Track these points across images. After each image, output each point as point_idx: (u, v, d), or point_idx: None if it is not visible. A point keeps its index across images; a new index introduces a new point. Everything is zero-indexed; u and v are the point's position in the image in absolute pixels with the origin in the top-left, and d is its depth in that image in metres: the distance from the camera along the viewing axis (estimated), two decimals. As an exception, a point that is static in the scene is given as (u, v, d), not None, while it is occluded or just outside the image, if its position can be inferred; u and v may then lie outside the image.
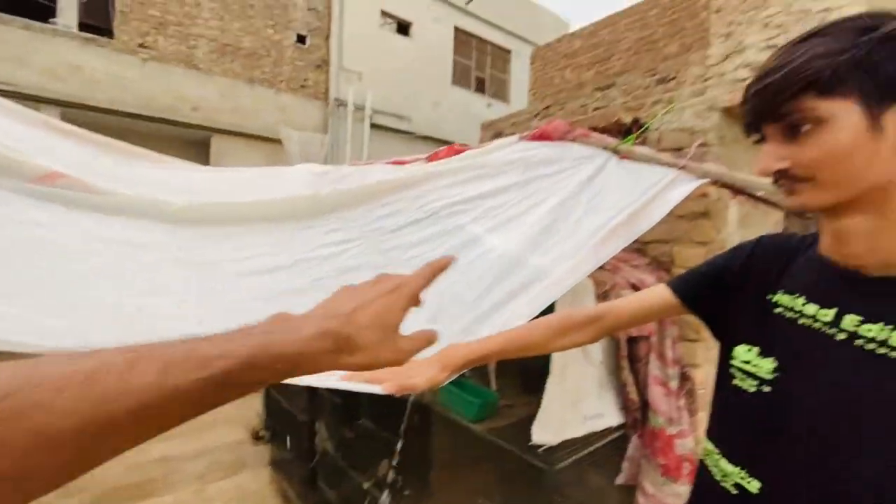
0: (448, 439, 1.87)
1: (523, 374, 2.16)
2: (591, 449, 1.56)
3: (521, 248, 1.22)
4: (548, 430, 1.42)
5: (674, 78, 2.84)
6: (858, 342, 0.51)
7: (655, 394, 1.68)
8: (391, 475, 2.38)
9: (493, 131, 7.14)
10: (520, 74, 9.60)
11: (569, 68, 6.15)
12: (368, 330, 0.38)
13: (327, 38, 7.61)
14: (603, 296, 1.63)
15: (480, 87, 9.66)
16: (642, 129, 2.14)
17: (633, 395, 1.68)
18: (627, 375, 1.69)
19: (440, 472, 1.89)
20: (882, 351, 0.49)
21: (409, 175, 1.66)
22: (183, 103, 6.36)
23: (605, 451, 1.69)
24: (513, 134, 1.76)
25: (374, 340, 0.38)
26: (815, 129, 0.50)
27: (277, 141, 6.80)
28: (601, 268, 1.81)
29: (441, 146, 1.87)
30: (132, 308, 1.00)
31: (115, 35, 6.00)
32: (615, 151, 1.72)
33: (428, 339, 0.43)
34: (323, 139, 7.05)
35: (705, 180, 1.34)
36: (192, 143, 6.81)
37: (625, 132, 2.47)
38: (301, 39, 7.41)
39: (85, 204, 1.19)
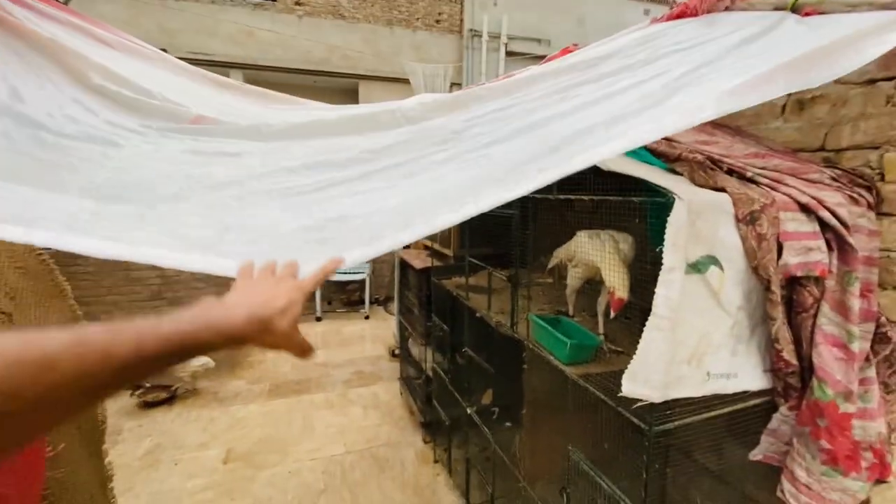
0: (542, 379, 1.71)
1: (646, 317, 1.84)
2: (711, 415, 1.23)
3: (601, 122, 0.93)
4: (645, 383, 1.14)
5: None
6: None
7: (826, 357, 1.22)
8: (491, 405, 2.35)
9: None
10: (694, -36, 7.72)
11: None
12: (283, 318, 0.48)
13: (461, -38, 7.18)
14: (748, 220, 1.19)
15: (639, -9, 8.11)
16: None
17: (789, 355, 1.25)
18: (781, 329, 1.25)
19: (533, 412, 1.77)
20: None
21: (506, 81, 1.44)
22: (333, 54, 6.86)
23: (740, 420, 1.33)
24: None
25: (285, 328, 0.48)
26: None
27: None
28: (750, 180, 1.34)
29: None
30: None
31: (276, -3, 6.66)
32: (795, 9, 1.20)
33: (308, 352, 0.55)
34: (447, 69, 6.89)
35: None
36: (345, 90, 7.37)
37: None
38: (435, -31, 7.15)
39: (209, 133, 1.29)
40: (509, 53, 7.27)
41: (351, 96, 7.29)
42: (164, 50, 1.73)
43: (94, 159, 0.96)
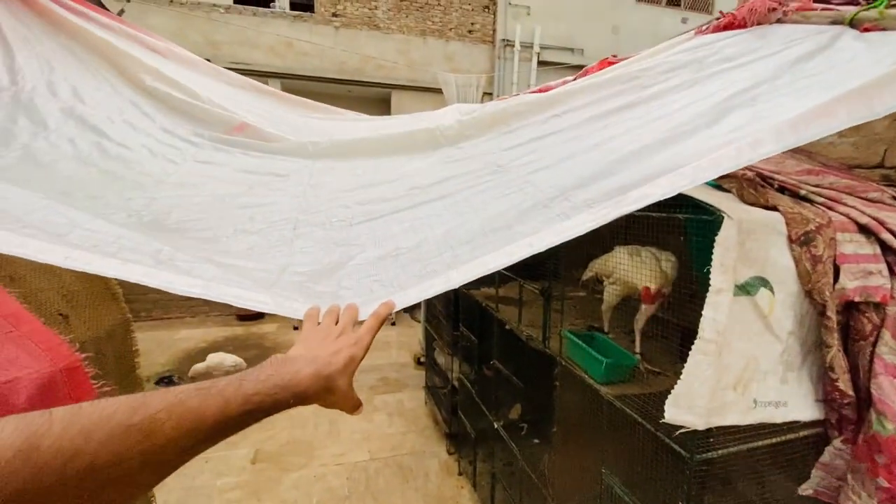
0: (574, 397, 1.67)
1: (686, 338, 1.77)
2: (757, 444, 1.17)
3: (651, 144, 0.91)
4: (689, 410, 1.09)
5: None
6: None
7: (886, 389, 1.14)
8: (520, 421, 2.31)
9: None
10: (735, -28, 7.53)
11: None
12: (343, 376, 0.49)
13: (496, -27, 7.23)
14: (802, 241, 1.14)
15: (674, 0, 7.96)
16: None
17: (844, 385, 1.18)
18: (837, 357, 1.18)
19: (565, 430, 1.73)
20: None
21: (544, 96, 1.44)
22: (367, 64, 7.00)
23: (789, 451, 1.25)
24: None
25: (344, 387, 0.49)
26: None
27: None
28: (804, 198, 1.28)
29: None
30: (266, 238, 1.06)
31: (315, 9, 6.87)
32: (853, 24, 1.15)
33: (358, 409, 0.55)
34: (479, 79, 6.91)
35: None
36: (378, 100, 7.51)
37: None
38: (469, -19, 7.23)
39: (259, 149, 1.34)
40: (541, 63, 7.25)
41: (384, 106, 7.42)
42: (209, 60, 1.80)
43: (154, 174, 0.99)
